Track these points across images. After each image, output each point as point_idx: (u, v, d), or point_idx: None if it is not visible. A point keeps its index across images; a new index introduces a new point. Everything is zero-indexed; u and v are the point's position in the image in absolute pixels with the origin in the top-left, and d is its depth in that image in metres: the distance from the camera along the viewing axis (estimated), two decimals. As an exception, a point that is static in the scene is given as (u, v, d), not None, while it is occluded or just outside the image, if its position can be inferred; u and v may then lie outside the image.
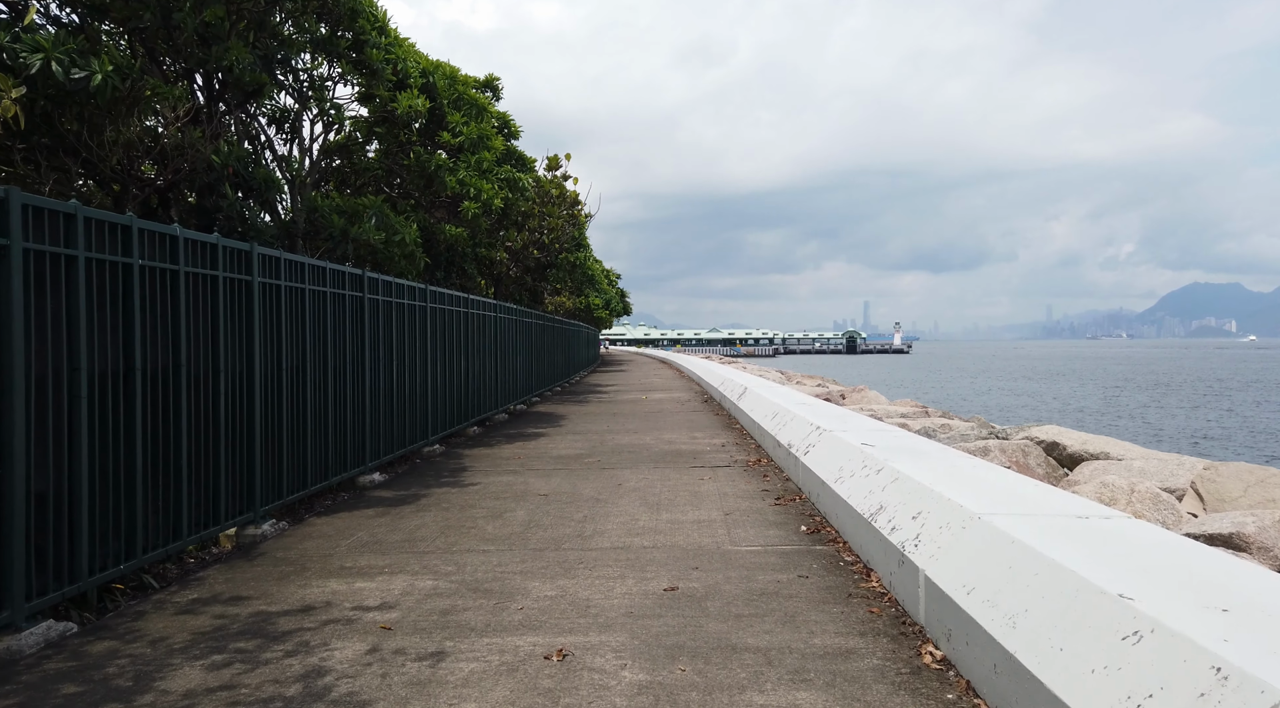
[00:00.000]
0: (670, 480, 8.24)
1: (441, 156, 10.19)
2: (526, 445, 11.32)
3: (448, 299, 11.75)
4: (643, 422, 14.22)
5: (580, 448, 10.93)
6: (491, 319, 14.77)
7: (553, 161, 18.95)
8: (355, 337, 8.27)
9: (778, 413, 10.38)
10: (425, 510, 7.00)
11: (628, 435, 12.23)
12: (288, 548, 5.81)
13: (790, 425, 9.04)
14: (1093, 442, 8.58)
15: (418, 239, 9.96)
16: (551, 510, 6.87)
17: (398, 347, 9.60)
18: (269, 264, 6.48)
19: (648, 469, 9.02)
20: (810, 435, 7.91)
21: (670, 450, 10.50)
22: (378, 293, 8.85)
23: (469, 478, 8.63)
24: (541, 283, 21.40)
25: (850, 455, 6.32)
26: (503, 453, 10.61)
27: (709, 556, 5.35)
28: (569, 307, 32.58)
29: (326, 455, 7.54)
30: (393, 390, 9.35)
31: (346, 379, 8.01)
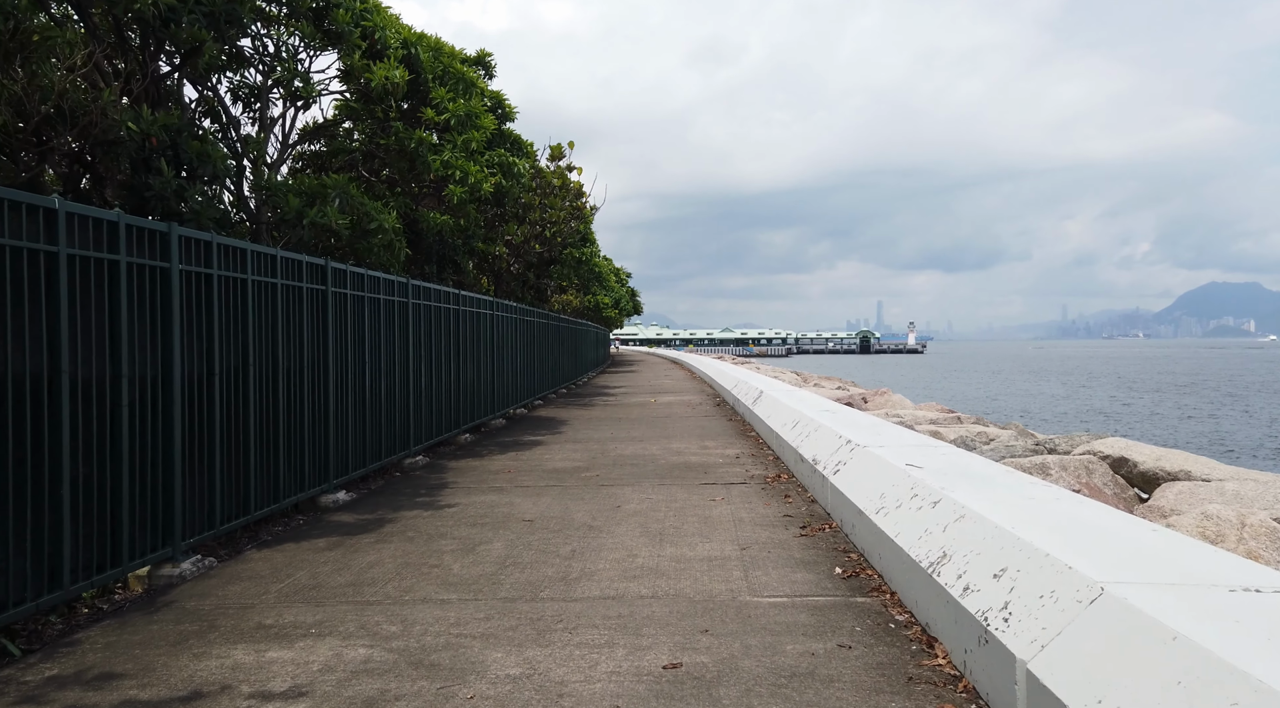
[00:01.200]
0: (677, 502, 7.14)
1: (424, 135, 9.13)
2: (520, 456, 10.25)
3: (434, 295, 10.70)
4: (650, 428, 13.13)
5: (578, 460, 9.85)
6: (487, 317, 13.72)
7: (555, 151, 17.90)
8: (315, 335, 7.22)
9: (799, 421, 9.27)
10: (386, 541, 5.93)
11: (632, 445, 11.14)
12: (205, 594, 4.75)
13: (815, 438, 7.92)
14: (1168, 457, 7.44)
15: (397, 227, 8.91)
16: (534, 543, 5.78)
17: (372, 347, 8.55)
18: (195, 250, 5.43)
19: (652, 487, 7.92)
20: (840, 451, 6.79)
21: (678, 463, 9.40)
22: (344, 286, 7.79)
23: (447, 498, 7.56)
24: (545, 280, 20.35)
25: (893, 479, 5.20)
26: (492, 466, 9.54)
27: (722, 611, 4.25)
28: (576, 305, 31.53)
29: (276, 474, 6.48)
30: (365, 396, 8.30)
31: (303, 384, 6.96)
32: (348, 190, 7.41)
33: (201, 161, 6.20)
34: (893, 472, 5.32)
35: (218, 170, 6.30)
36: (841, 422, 8.41)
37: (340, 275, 7.73)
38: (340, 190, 7.32)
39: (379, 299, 8.71)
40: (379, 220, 8.51)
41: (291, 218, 6.87)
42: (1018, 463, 7.77)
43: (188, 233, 5.32)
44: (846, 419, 8.71)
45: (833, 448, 7.07)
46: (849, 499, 5.66)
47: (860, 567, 4.95)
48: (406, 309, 9.62)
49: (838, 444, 7.04)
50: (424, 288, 10.27)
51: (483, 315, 13.41)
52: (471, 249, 13.63)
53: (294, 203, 6.82)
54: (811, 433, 8.22)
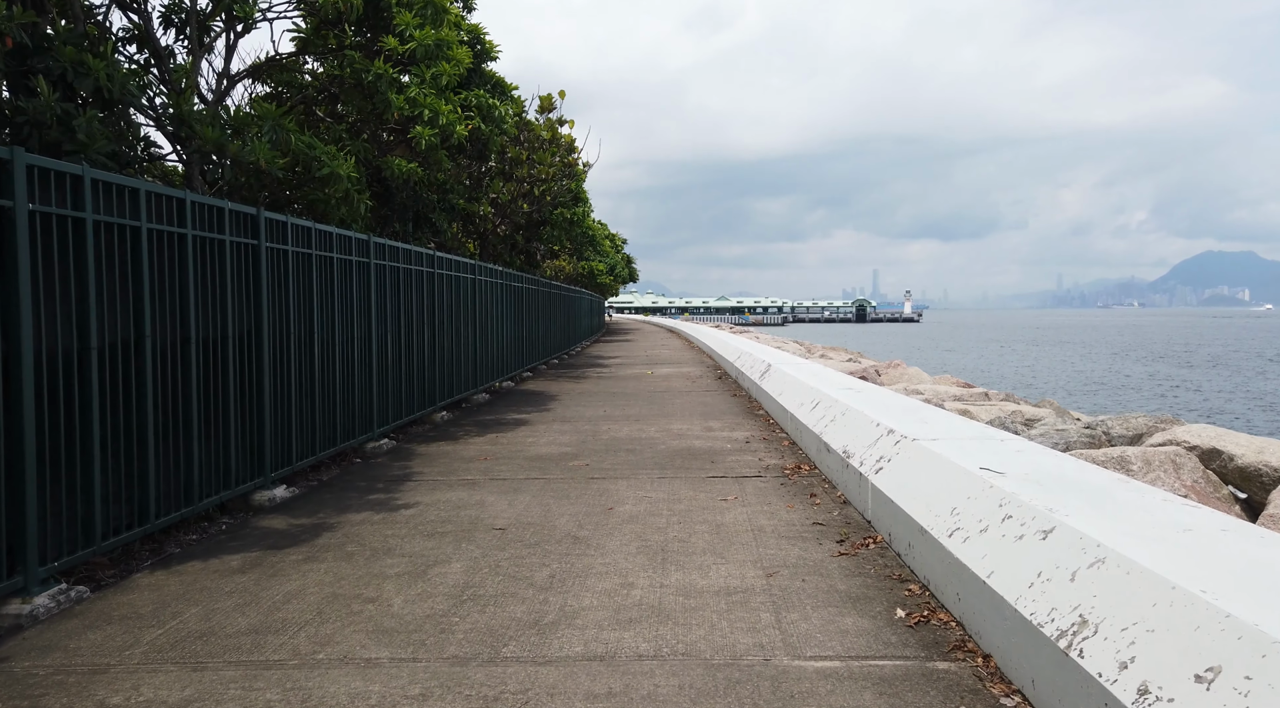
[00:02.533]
0: (681, 502, 5.94)
1: (384, 67, 7.76)
2: (500, 439, 9.03)
3: (403, 255, 9.41)
4: (647, 405, 11.92)
5: (566, 443, 8.64)
6: (469, 282, 12.42)
7: (544, 102, 16.44)
8: (244, 300, 5.95)
9: (818, 401, 8.05)
10: (318, 558, 4.72)
11: (627, 425, 9.93)
12: (51, 645, 3.54)
13: (843, 423, 6.71)
14: (1273, 449, 6.26)
15: (354, 175, 7.58)
16: (503, 564, 4.58)
17: (323, 315, 7.28)
18: (57, 186, 4.13)
19: (650, 480, 6.72)
20: (880, 443, 5.58)
21: (680, 448, 8.20)
22: (284, 240, 6.50)
23: (407, 494, 6.35)
24: (534, 243, 18.99)
25: (968, 489, 3.99)
26: (467, 451, 8.32)
27: (753, 686, 3.05)
28: (569, 272, 30.18)
29: (189, 470, 5.25)
30: (313, 372, 7.05)
31: (227, 359, 5.70)
32: (281, 123, 6.07)
33: (79, 75, 4.86)
34: (964, 479, 4.11)
35: (102, 87, 4.96)
36: (871, 403, 7.20)
37: (278, 228, 6.43)
38: (273, 123, 5.98)
39: (331, 258, 7.42)
40: (330, 166, 7.19)
41: (209, 150, 5.54)
42: (1085, 455, 6.59)
43: (42, 162, 4.02)
44: (876, 400, 7.50)
45: (869, 438, 5.86)
46: (902, 510, 4.45)
47: (929, 608, 3.75)
48: (368, 271, 8.33)
49: (875, 434, 5.82)
50: (390, 247, 8.96)
51: (463, 280, 12.12)
52: (450, 207, 12.28)
53: (210, 134, 5.49)
54: (838, 417, 7.01)
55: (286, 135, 6.20)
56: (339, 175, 7.12)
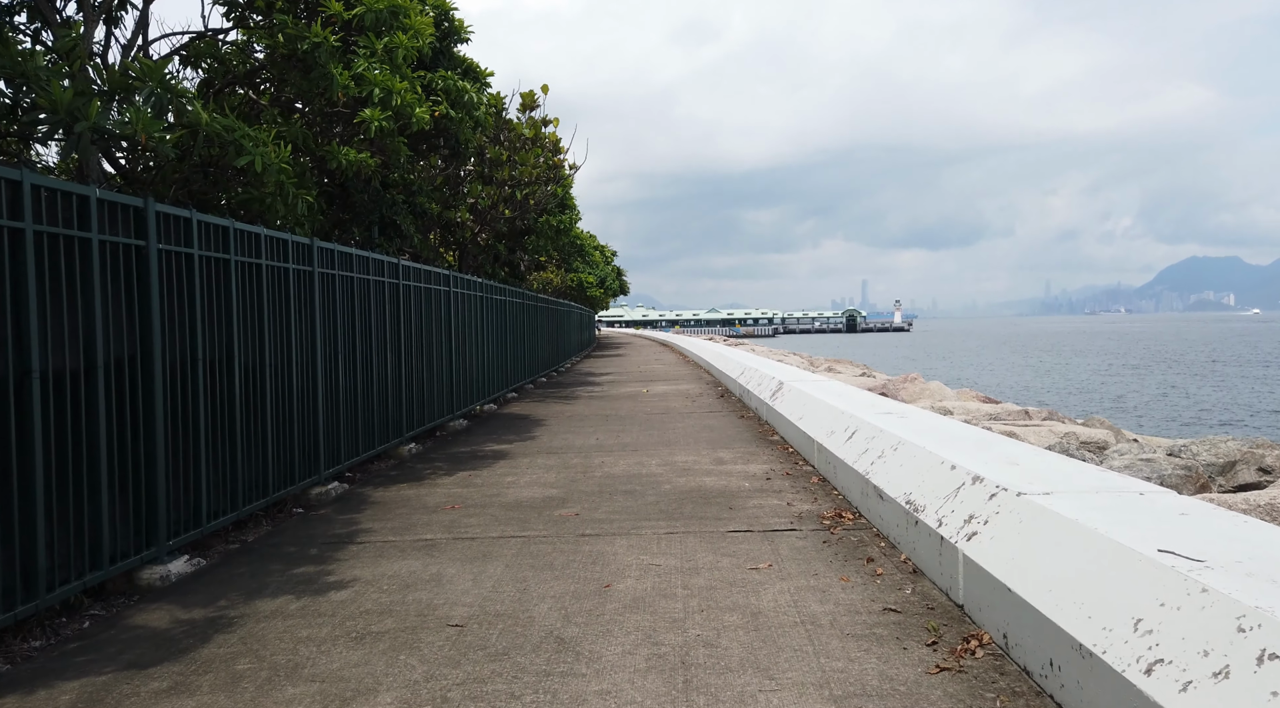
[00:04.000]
0: (699, 573, 4.55)
1: (325, 34, 6.38)
2: (474, 478, 7.62)
3: (359, 263, 8.02)
4: (645, 430, 10.52)
5: (552, 483, 7.23)
6: (443, 295, 11.03)
7: (527, 99, 15.11)
8: (120, 316, 4.55)
9: (853, 428, 6.69)
10: (187, 691, 3.28)
11: (624, 456, 8.54)
12: None
13: (897, 461, 5.33)
14: None
15: (284, 165, 6.20)
16: (455, 695, 3.16)
17: (246, 333, 5.87)
18: None
19: (656, 537, 5.32)
20: (965, 494, 4.21)
21: (689, 489, 6.81)
22: (185, 242, 5.10)
23: (343, 568, 4.92)
24: (518, 253, 17.61)
25: (1157, 590, 2.61)
26: (432, 496, 6.90)
27: None
28: (557, 284, 28.81)
29: (32, 546, 3.82)
30: (232, 405, 5.64)
31: (94, 394, 4.29)
32: (168, 85, 4.68)
33: None
34: (1141, 569, 2.73)
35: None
36: (925, 431, 5.84)
37: (177, 226, 5.03)
38: (157, 82, 4.59)
39: (259, 265, 6.03)
40: (253, 153, 5.80)
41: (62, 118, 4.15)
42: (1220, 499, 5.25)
43: None
44: (929, 427, 6.13)
45: (943, 486, 4.48)
46: (1031, 606, 3.07)
47: (1123, 792, 2.37)
48: (310, 281, 6.94)
49: (951, 480, 4.45)
50: (342, 253, 7.58)
51: (436, 293, 10.73)
52: (420, 211, 10.90)
53: (63, 96, 4.10)
54: (887, 452, 5.63)
55: (169, 100, 4.80)
56: (267, 164, 5.72)
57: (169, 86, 4.72)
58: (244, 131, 5.88)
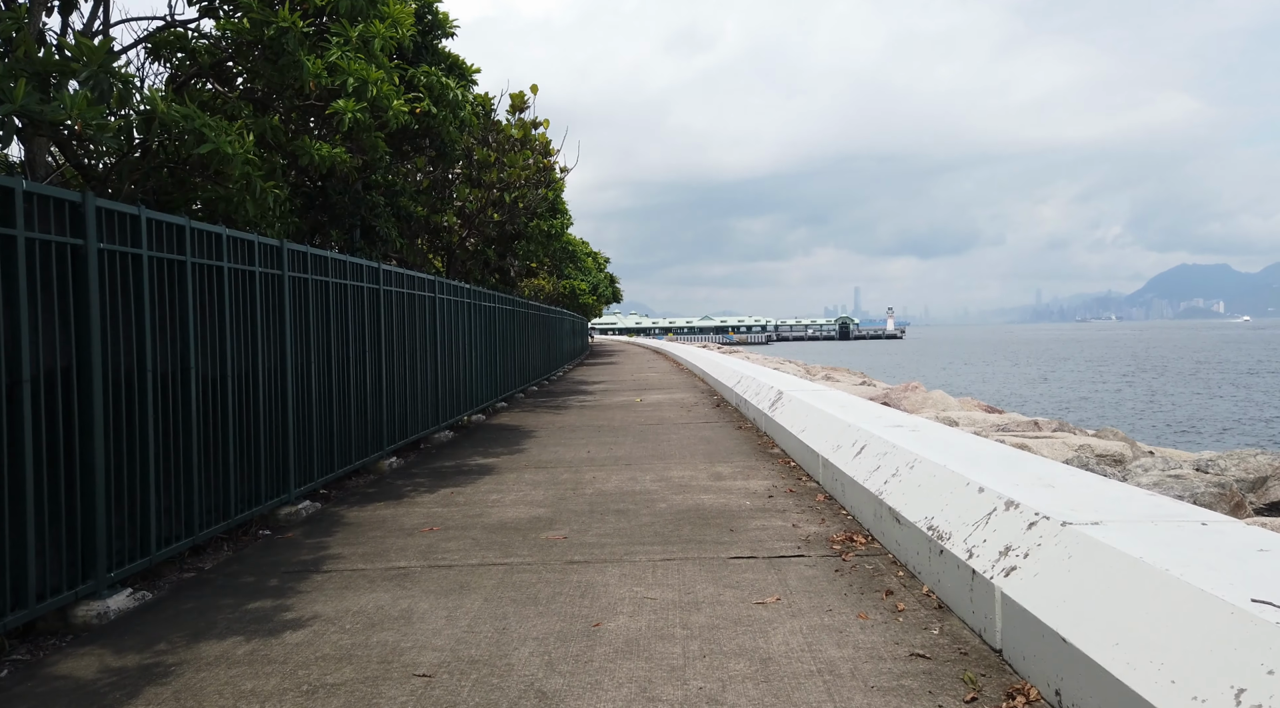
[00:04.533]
0: (700, 608, 4.08)
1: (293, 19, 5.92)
2: (456, 496, 7.13)
3: (334, 267, 7.55)
4: (638, 442, 10.06)
5: (540, 502, 6.76)
6: (428, 301, 10.57)
7: (516, 100, 14.67)
8: (54, 323, 4.07)
9: (862, 443, 6.24)
10: (106, 757, 2.81)
11: (617, 471, 8.07)
12: None
13: (914, 480, 4.87)
14: None
15: (250, 156, 5.73)
16: (417, 764, 2.69)
17: (205, 340, 5.40)
18: None
19: (651, 565, 4.85)
20: (998, 521, 3.75)
21: (686, 508, 6.34)
22: (133, 242, 4.63)
23: (303, 602, 4.43)
24: (508, 258, 17.15)
25: (1260, 653, 2.16)
26: (410, 517, 6.42)
27: None
28: (549, 291, 28.35)
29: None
30: (188, 419, 5.15)
31: (19, 410, 3.81)
32: (111, 68, 4.21)
33: None
34: (1232, 622, 2.28)
35: None
36: (943, 447, 5.38)
37: (123, 224, 4.56)
38: (97, 65, 4.12)
39: (220, 268, 5.55)
40: (215, 142, 5.34)
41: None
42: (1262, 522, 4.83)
43: None
44: (945, 441, 5.68)
45: (972, 510, 4.03)
46: (1094, 663, 2.62)
47: None
48: (280, 286, 6.46)
49: (981, 504, 4.00)
50: (316, 256, 7.10)
51: (421, 299, 10.26)
52: (403, 212, 10.43)
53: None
54: (903, 470, 5.18)
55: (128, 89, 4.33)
56: (226, 154, 5.25)
57: (112, 70, 4.25)
58: (205, 119, 5.42)
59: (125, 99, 4.37)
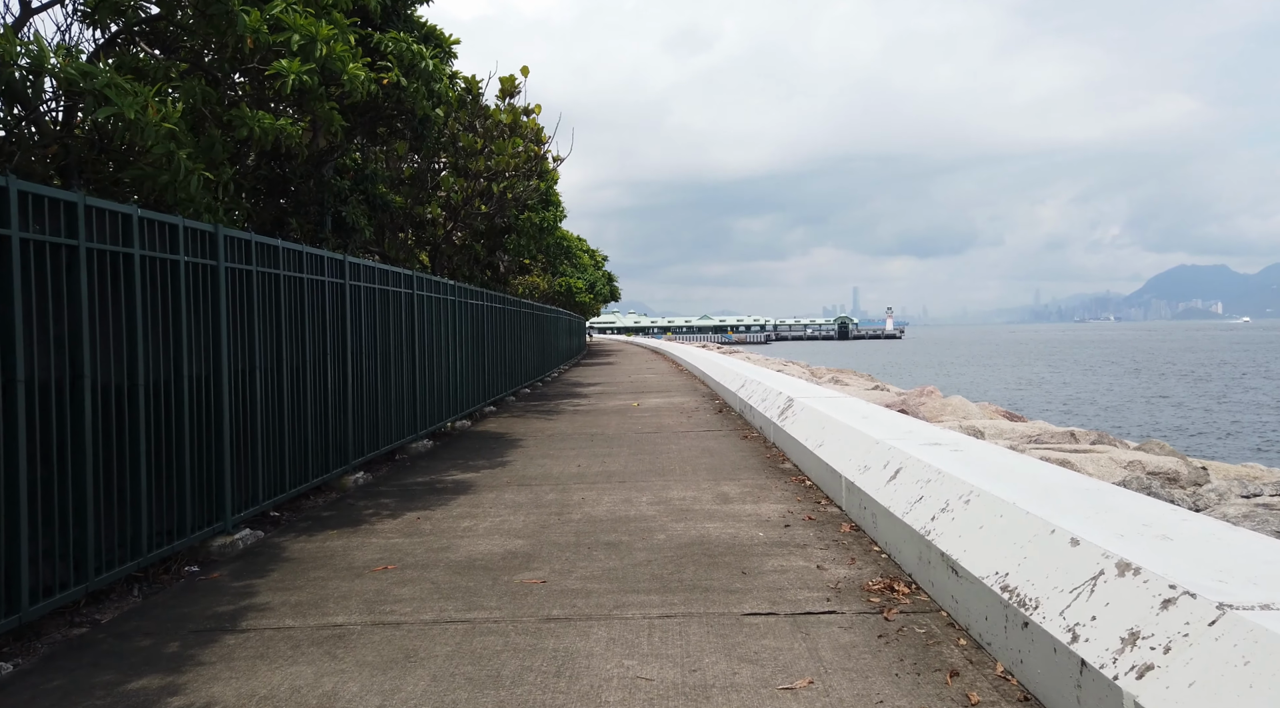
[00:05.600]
0: (710, 699, 3.12)
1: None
2: (423, 522, 6.18)
3: (288, 258, 6.61)
4: (634, 454, 9.10)
5: (519, 530, 5.80)
6: (405, 298, 9.62)
7: (506, 84, 13.70)
8: None
9: (897, 465, 5.30)
10: None
11: (610, 490, 7.12)
12: None
13: (973, 520, 3.92)
14: None
15: (170, 125, 4.78)
16: None
17: (102, 345, 4.44)
18: None
19: (646, 624, 3.90)
20: (1114, 590, 2.80)
21: (689, 541, 5.39)
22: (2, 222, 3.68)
23: (200, 682, 3.46)
24: (498, 253, 16.18)
25: None
26: (364, 550, 5.46)
27: None
28: (544, 289, 27.39)
29: None
30: (79, 440, 4.19)
31: None
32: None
33: None
34: None
35: None
36: (999, 473, 4.44)
37: (-20, 196, 3.61)
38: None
39: (124, 255, 4.60)
40: (121, 103, 4.39)
41: None
42: None
43: None
44: (999, 466, 4.73)
45: (1069, 571, 3.09)
46: None
47: None
48: (214, 278, 5.51)
49: (1083, 564, 3.05)
50: (261, 245, 6.15)
51: (395, 296, 9.31)
52: (378, 201, 9.47)
53: None
54: (957, 506, 4.22)
55: None
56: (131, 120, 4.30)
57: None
58: (109, 78, 4.46)
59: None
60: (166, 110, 4.89)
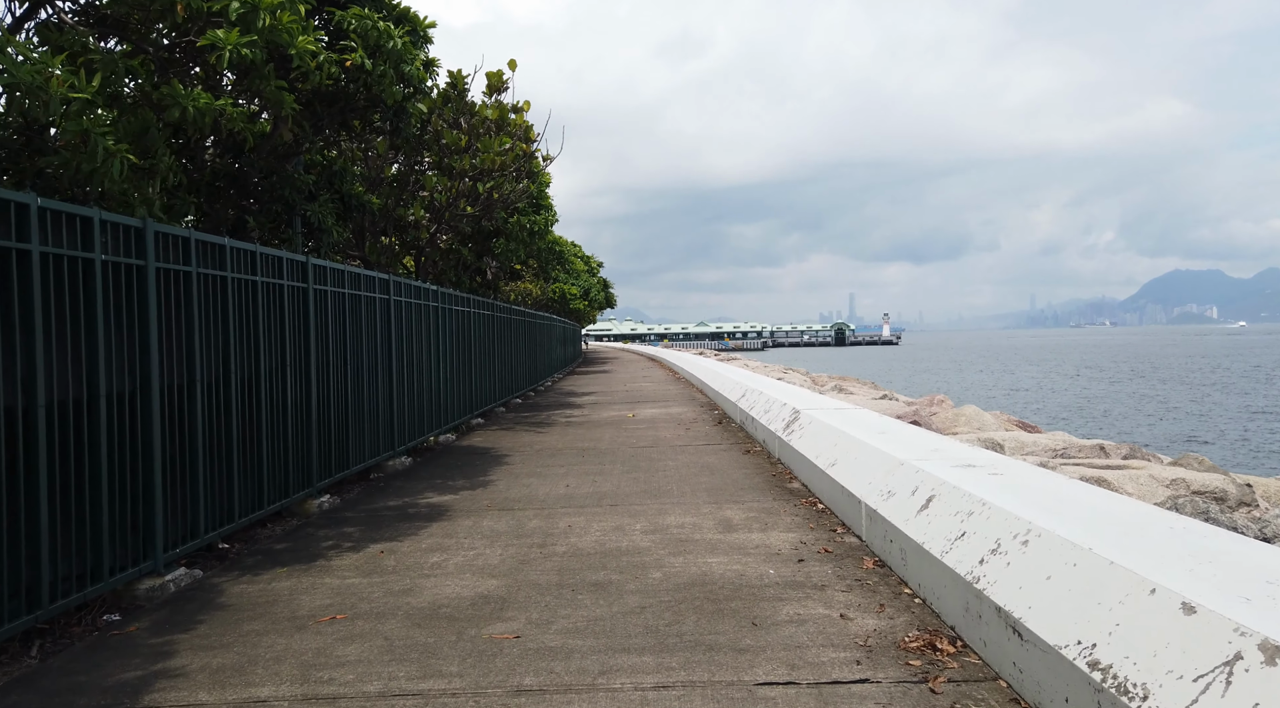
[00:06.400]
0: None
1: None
2: (384, 560, 5.44)
3: (235, 258, 5.89)
4: (628, 472, 8.38)
5: (493, 571, 5.07)
6: (378, 304, 8.90)
7: (493, 79, 13.02)
8: None
9: (928, 491, 4.59)
10: None
11: (599, 519, 6.38)
12: None
13: (1040, 567, 3.20)
14: None
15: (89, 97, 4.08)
16: None
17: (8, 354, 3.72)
18: None
19: (639, 697, 3.18)
20: (1256, 685, 2.10)
21: (688, 582, 4.66)
22: None
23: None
24: (486, 258, 15.47)
25: None
26: (312, 595, 4.72)
27: None
28: (537, 295, 26.67)
29: None
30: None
31: None
32: None
33: None
34: None
35: None
36: (1058, 505, 3.72)
37: None
38: None
39: (18, 252, 3.89)
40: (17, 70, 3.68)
41: None
42: None
43: None
44: (1055, 495, 4.01)
45: (1192, 650, 2.37)
46: None
47: None
48: (140, 280, 4.79)
49: (1207, 640, 2.34)
50: (201, 244, 5.43)
51: (368, 301, 8.59)
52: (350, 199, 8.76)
53: None
54: (1011, 546, 3.50)
55: None
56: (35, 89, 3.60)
57: None
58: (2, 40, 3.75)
59: None
60: (77, 82, 4.17)
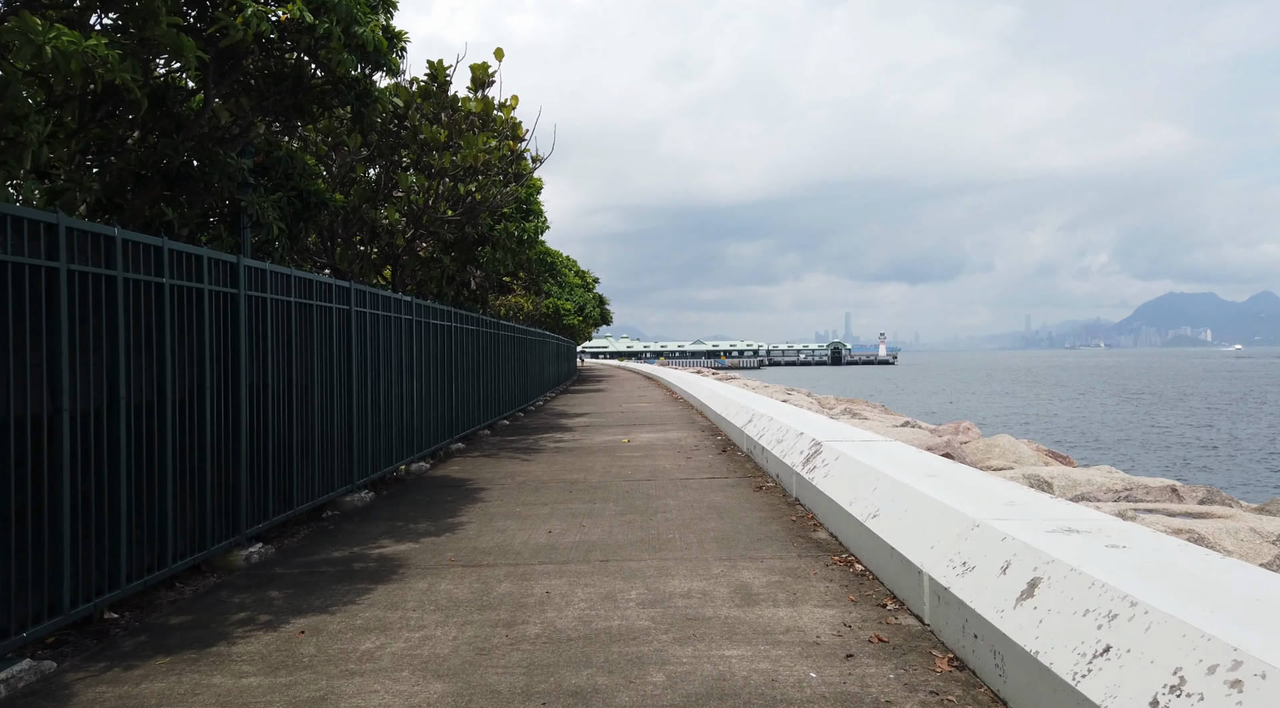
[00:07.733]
0: None
1: None
2: (303, 646, 4.19)
3: (170, 260, 4.69)
4: (621, 515, 7.14)
5: (440, 669, 3.82)
6: (334, 315, 7.70)
7: (478, 72, 11.89)
8: None
9: (1034, 572, 3.38)
10: None
11: (586, 580, 5.14)
12: None
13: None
14: None
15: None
16: None
17: None
18: None
19: None
20: None
21: (700, 692, 3.41)
22: None
23: None
24: (471, 268, 14.28)
25: None
26: (209, 695, 3.47)
27: None
28: (529, 310, 25.46)
29: None
30: None
31: None
32: None
33: None
34: None
35: None
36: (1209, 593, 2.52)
37: None
38: None
39: None
40: None
41: None
42: None
43: None
44: (1200, 576, 2.81)
45: None
46: None
47: None
48: (53, 286, 3.58)
49: None
50: (97, 237, 4.23)
51: (322, 312, 7.39)
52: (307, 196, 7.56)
53: None
54: (1202, 683, 2.29)
55: None
56: None
57: None
58: None
59: None
60: None
